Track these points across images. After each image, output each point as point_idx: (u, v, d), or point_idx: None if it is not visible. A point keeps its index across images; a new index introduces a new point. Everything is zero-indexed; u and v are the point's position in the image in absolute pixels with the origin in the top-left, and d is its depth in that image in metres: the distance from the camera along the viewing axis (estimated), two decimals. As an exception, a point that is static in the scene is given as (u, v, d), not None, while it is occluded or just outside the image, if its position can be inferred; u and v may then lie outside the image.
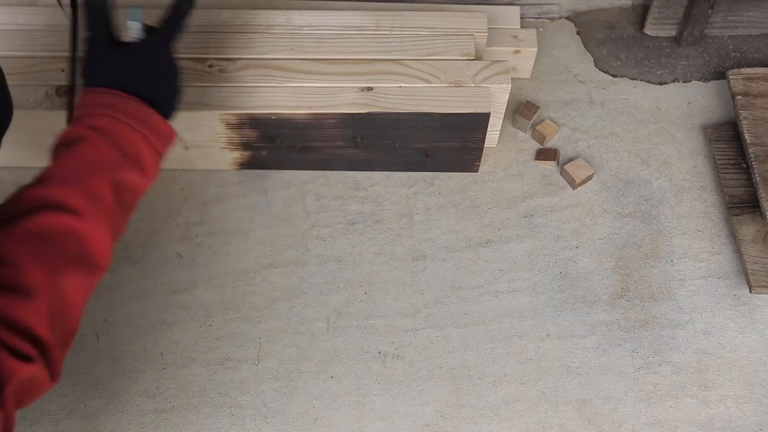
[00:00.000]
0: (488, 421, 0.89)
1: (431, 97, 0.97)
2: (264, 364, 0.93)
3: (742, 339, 0.95)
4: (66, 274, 0.59)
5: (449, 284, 0.99)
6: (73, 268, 0.59)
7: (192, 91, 0.96)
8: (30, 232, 0.58)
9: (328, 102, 0.97)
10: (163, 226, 1.03)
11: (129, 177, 0.64)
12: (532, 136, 1.13)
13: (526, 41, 1.13)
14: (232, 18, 1.05)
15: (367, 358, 0.94)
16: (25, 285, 0.56)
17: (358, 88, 0.97)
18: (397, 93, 0.97)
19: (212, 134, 1.00)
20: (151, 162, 0.68)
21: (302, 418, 0.90)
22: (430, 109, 0.97)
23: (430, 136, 1.01)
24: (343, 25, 1.05)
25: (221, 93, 0.96)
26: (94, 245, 0.61)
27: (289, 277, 1.00)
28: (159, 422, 0.89)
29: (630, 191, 1.07)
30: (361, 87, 0.97)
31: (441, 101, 0.97)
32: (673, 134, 1.13)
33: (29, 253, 0.57)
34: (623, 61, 1.22)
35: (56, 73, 0.98)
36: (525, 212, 1.05)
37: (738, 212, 1.02)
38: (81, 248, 0.60)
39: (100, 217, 0.62)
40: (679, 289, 0.99)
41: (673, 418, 0.90)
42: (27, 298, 0.56)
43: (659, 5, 1.20)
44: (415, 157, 1.05)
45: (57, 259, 0.58)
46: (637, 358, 0.94)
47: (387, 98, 0.97)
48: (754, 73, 1.10)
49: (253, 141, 1.02)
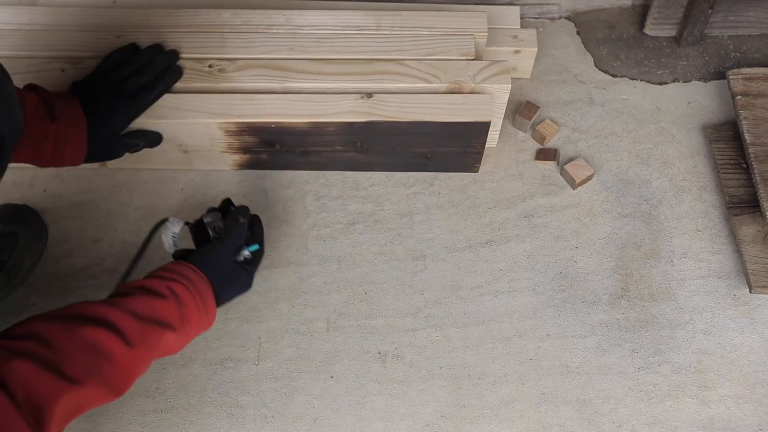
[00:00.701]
0: (488, 421, 0.89)
1: (431, 105, 0.97)
2: (264, 364, 0.93)
3: (742, 339, 0.95)
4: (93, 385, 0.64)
5: (449, 284, 0.99)
6: (101, 383, 0.64)
7: (192, 96, 0.96)
8: (83, 338, 0.64)
9: (327, 110, 0.96)
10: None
11: (172, 339, 0.72)
12: (532, 136, 1.13)
13: (526, 41, 1.13)
14: (232, 18, 1.05)
15: (367, 358, 0.94)
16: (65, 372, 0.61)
17: (358, 96, 0.97)
18: (397, 101, 0.97)
19: (211, 140, 1.00)
20: (191, 336, 0.76)
21: (302, 418, 0.90)
22: (430, 118, 0.96)
23: (431, 142, 1.01)
24: (343, 25, 1.05)
25: (220, 101, 0.96)
26: (128, 375, 0.68)
27: (289, 277, 1.00)
28: (159, 422, 0.89)
29: (630, 191, 1.07)
30: (361, 94, 0.97)
31: (441, 109, 0.97)
32: (673, 134, 1.13)
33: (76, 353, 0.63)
34: (623, 61, 1.22)
35: (56, 72, 0.98)
36: (525, 212, 1.05)
37: (738, 212, 1.02)
38: (116, 372, 0.66)
39: (142, 356, 0.69)
40: (679, 289, 0.99)
41: (673, 418, 0.90)
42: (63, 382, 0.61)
43: (659, 5, 1.20)
44: (416, 159, 1.05)
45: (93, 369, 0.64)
46: (637, 358, 0.94)
47: (387, 106, 0.97)
48: (754, 73, 1.10)
49: (252, 146, 1.02)
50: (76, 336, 0.64)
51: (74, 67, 0.99)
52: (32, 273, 0.99)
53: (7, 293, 0.96)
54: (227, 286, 0.80)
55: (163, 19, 1.05)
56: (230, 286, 0.81)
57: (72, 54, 1.00)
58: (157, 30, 1.03)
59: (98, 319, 0.66)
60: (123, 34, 1.02)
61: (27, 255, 0.97)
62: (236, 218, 0.83)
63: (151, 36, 1.02)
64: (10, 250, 0.95)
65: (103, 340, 0.65)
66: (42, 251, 1.00)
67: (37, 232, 1.00)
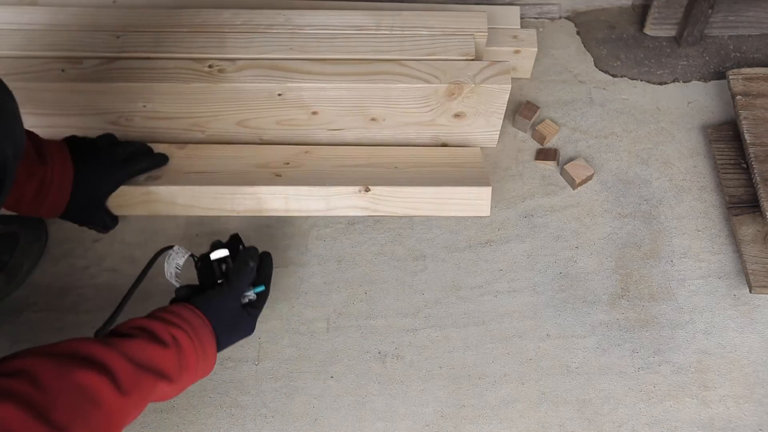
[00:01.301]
0: (488, 421, 0.89)
1: (430, 200, 0.98)
2: (264, 364, 0.93)
3: (742, 339, 0.95)
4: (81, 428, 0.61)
5: (449, 284, 0.99)
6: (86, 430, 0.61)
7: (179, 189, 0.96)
8: (74, 381, 0.61)
9: (326, 206, 0.98)
10: (163, 226, 1.03)
11: (167, 389, 0.70)
12: (532, 136, 1.13)
13: (526, 41, 1.13)
14: (232, 18, 1.05)
15: (367, 358, 0.94)
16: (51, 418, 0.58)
17: (356, 190, 0.97)
18: (395, 196, 0.97)
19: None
20: (187, 385, 0.74)
21: (302, 418, 0.90)
22: (429, 213, 0.99)
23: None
24: (343, 24, 1.05)
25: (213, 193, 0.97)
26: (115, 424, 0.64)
27: (289, 277, 1.00)
28: (159, 422, 0.89)
29: (630, 191, 1.07)
30: (359, 188, 0.96)
31: (439, 203, 0.98)
32: (673, 134, 1.13)
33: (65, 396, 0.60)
34: (623, 61, 1.22)
35: (56, 73, 0.98)
36: (525, 212, 1.05)
37: (738, 212, 1.02)
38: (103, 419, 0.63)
39: (133, 404, 0.65)
40: (679, 289, 0.99)
41: (673, 418, 0.90)
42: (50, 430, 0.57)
43: (659, 5, 1.20)
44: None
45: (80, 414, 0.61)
46: (637, 358, 0.94)
47: (386, 202, 0.98)
48: (754, 73, 1.10)
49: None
50: (67, 377, 0.61)
51: (74, 67, 0.98)
52: (32, 273, 0.99)
53: (7, 293, 0.96)
54: (230, 332, 0.78)
55: (163, 19, 1.05)
56: (233, 332, 0.79)
57: (72, 54, 1.00)
58: (157, 30, 1.03)
59: (93, 360, 0.63)
60: (123, 34, 1.02)
61: (27, 255, 0.97)
62: (246, 261, 0.80)
63: (152, 36, 1.02)
64: (10, 251, 0.95)
65: (95, 384, 0.62)
66: (42, 251, 1.00)
67: (37, 232, 1.00)
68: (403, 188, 0.97)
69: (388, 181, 0.97)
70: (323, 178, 0.98)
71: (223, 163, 1.00)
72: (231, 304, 0.79)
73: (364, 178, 0.98)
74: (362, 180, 0.97)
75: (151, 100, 1.00)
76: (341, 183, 0.96)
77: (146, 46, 1.01)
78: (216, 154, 1.02)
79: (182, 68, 0.99)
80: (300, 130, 1.06)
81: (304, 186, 0.96)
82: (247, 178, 0.97)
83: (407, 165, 1.01)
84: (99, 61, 0.99)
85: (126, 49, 1.01)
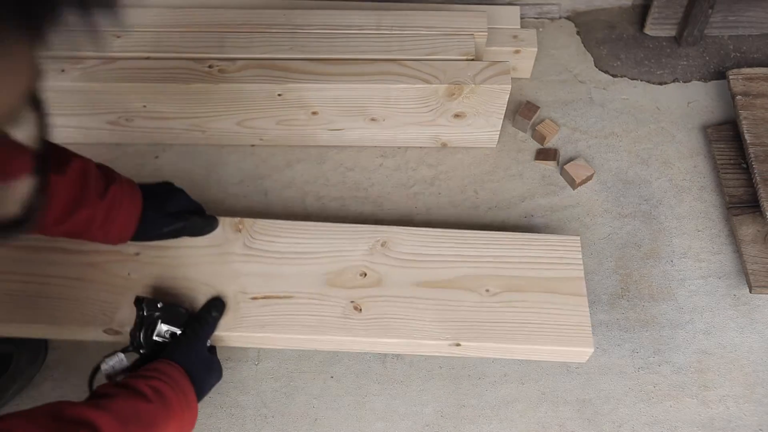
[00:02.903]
0: (488, 421, 0.89)
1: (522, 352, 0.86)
2: (264, 364, 0.93)
3: (742, 339, 0.95)
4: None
5: (449, 284, 0.99)
6: None
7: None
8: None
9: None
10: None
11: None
12: (532, 136, 1.13)
13: (526, 41, 1.13)
14: (232, 18, 1.05)
15: (367, 358, 0.94)
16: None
17: (446, 344, 0.84)
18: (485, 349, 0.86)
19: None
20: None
21: (302, 418, 0.90)
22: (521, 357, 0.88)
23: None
24: (344, 24, 1.05)
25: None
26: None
27: (289, 277, 1.00)
28: (159, 422, 0.89)
29: (630, 191, 1.07)
30: (448, 343, 0.84)
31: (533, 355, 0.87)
32: (673, 134, 1.13)
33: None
34: (623, 61, 1.22)
35: (56, 73, 0.98)
36: (525, 212, 1.05)
37: (738, 212, 1.02)
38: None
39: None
40: (679, 289, 0.99)
41: (673, 418, 0.90)
42: None
43: (659, 5, 1.20)
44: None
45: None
46: (637, 358, 0.94)
47: (476, 351, 0.86)
48: (754, 73, 1.10)
49: None
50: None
51: (74, 67, 0.99)
52: (18, 396, 0.90)
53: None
54: (204, 378, 0.78)
55: (163, 19, 1.05)
56: (208, 378, 0.79)
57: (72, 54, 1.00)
58: (158, 30, 1.03)
59: (80, 421, 0.61)
60: (123, 34, 1.02)
61: (16, 379, 0.90)
62: (209, 311, 0.82)
63: (152, 36, 1.02)
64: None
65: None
66: (34, 374, 0.91)
67: (33, 355, 0.92)
68: (496, 345, 0.84)
69: (478, 335, 0.84)
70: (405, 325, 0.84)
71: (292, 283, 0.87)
72: (200, 349, 0.79)
73: (455, 331, 0.84)
74: (452, 333, 0.84)
75: (151, 100, 1.00)
76: (429, 337, 0.84)
77: (146, 46, 1.01)
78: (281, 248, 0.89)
79: (182, 68, 0.99)
80: (300, 130, 1.06)
81: (384, 338, 0.84)
82: (320, 328, 0.84)
83: (498, 286, 0.87)
84: (99, 61, 0.99)
85: (126, 49, 1.01)
